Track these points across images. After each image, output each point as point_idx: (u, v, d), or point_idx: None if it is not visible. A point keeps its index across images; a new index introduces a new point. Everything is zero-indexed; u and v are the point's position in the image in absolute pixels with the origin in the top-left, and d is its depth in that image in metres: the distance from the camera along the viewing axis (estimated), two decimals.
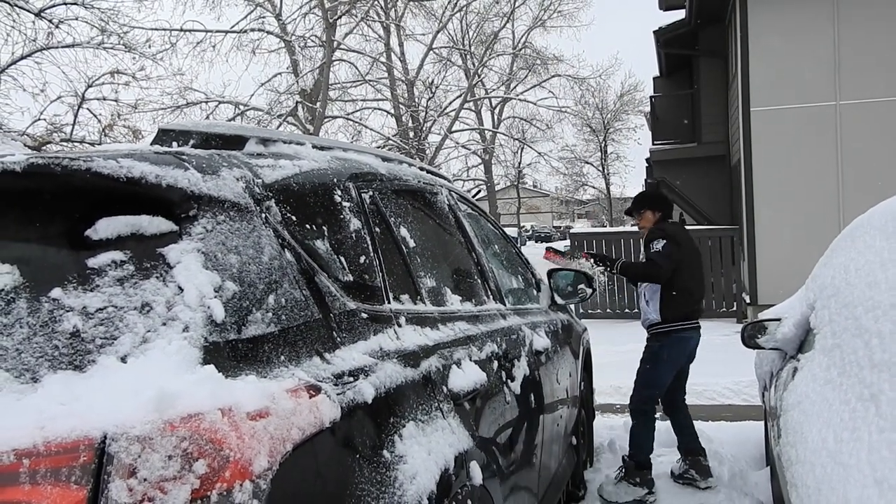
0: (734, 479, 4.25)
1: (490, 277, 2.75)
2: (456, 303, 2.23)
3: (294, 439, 1.13)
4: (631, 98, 36.85)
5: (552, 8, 28.02)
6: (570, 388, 3.69)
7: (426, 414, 1.62)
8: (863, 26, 10.26)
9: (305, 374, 1.26)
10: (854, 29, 10.30)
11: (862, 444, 1.55)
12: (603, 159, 40.34)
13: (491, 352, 2.23)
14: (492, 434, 2.06)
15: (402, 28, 23.84)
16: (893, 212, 2.07)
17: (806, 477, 1.80)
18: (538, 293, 3.75)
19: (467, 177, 31.13)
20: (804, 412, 2.15)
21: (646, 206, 4.46)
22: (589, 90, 30.21)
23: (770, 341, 3.10)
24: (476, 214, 3.14)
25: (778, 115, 10.71)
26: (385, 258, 1.83)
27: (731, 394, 6.79)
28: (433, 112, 23.98)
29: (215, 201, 1.30)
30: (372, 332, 1.58)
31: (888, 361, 1.63)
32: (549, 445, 3.00)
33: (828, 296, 2.53)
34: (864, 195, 7.92)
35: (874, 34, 10.22)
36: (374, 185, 1.97)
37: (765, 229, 10.84)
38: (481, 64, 25.79)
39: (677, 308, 4.20)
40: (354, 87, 22.78)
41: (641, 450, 4.26)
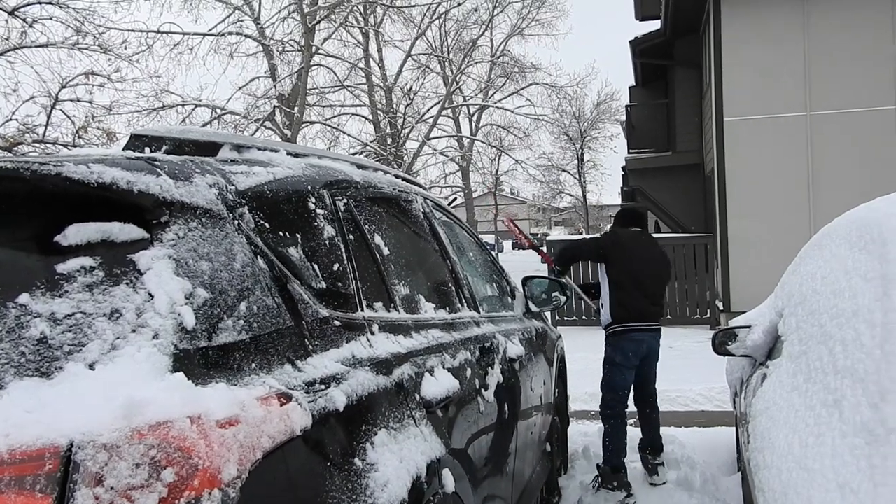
0: (706, 485, 4.30)
1: (464, 285, 2.76)
2: (430, 310, 2.23)
3: (264, 447, 1.13)
4: (607, 107, 37.15)
5: (530, 16, 28.24)
6: (545, 396, 3.71)
7: (398, 422, 1.62)
8: (831, 40, 10.46)
9: (276, 382, 1.26)
10: (823, 42, 10.50)
11: (826, 448, 1.58)
12: (580, 167, 40.59)
13: (464, 359, 2.24)
14: (465, 441, 2.07)
15: (381, 34, 23.86)
16: (858, 222, 2.11)
17: (773, 482, 1.84)
18: (512, 301, 3.77)
19: (445, 183, 31.16)
20: (772, 418, 2.19)
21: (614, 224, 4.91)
22: (566, 98, 30.43)
23: (740, 348, 3.15)
24: (451, 222, 3.15)
25: (750, 125, 10.87)
26: (359, 266, 1.83)
27: (704, 400, 6.86)
28: (411, 118, 23.98)
29: (187, 208, 1.29)
30: (344, 340, 1.59)
31: (851, 368, 1.66)
32: (523, 452, 3.01)
33: (795, 303, 2.58)
34: (834, 204, 8.05)
35: (842, 48, 10.43)
36: (348, 192, 1.98)
37: (737, 237, 10.99)
38: (459, 71, 25.86)
39: (625, 309, 4.37)
40: (332, 92, 22.70)
41: (615, 454, 4.33)
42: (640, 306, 4.40)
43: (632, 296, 4.39)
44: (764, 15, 10.74)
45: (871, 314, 1.65)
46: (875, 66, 10.34)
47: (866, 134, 10.39)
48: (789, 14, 10.63)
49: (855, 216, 2.23)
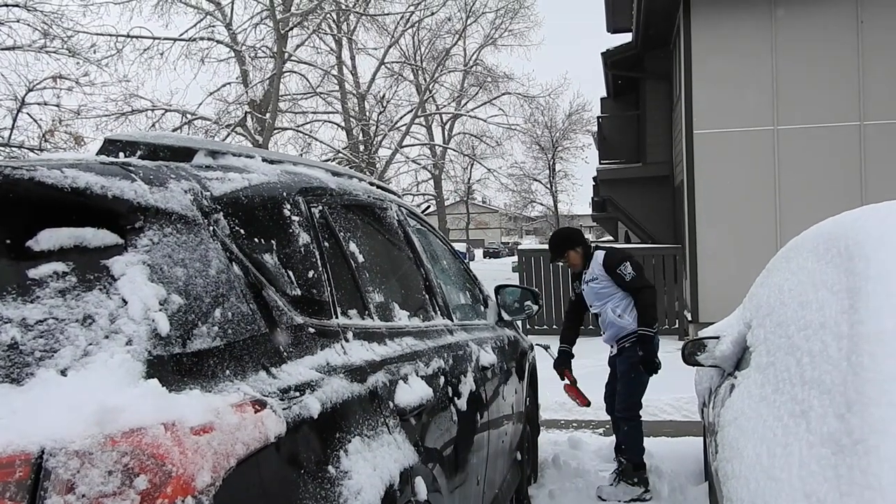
0: (674, 494, 4.34)
1: (438, 293, 2.77)
2: (404, 318, 2.24)
3: (238, 454, 1.12)
4: (579, 118, 37.56)
5: (503, 27, 28.45)
6: (516, 404, 3.72)
7: (372, 429, 1.62)
8: (799, 57, 10.70)
9: (251, 389, 1.25)
10: (791, 59, 10.73)
11: (793, 459, 1.60)
12: (551, 177, 40.93)
13: (438, 367, 2.24)
14: (437, 449, 2.07)
15: (354, 41, 23.85)
16: (825, 235, 2.16)
17: (741, 491, 1.86)
18: (485, 309, 3.78)
19: (417, 191, 31.20)
20: (740, 428, 2.22)
21: (566, 248, 4.71)
22: (538, 109, 30.73)
23: (709, 359, 3.18)
24: (425, 230, 3.16)
25: (719, 138, 11.06)
26: (333, 273, 1.83)
27: (673, 410, 6.92)
28: (384, 126, 23.99)
29: (162, 213, 1.28)
30: (319, 347, 1.58)
31: (818, 379, 1.69)
32: (494, 461, 3.02)
33: (763, 315, 2.62)
34: (800, 217, 8.21)
35: (809, 65, 10.67)
36: (323, 199, 1.97)
37: (706, 248, 11.15)
38: (433, 80, 25.95)
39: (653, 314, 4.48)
40: (305, 99, 22.65)
41: (636, 452, 4.50)
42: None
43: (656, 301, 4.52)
44: (733, 31, 10.95)
45: (838, 326, 1.68)
46: (840, 83, 10.60)
47: (831, 149, 10.63)
48: (758, 31, 10.85)
49: (822, 230, 2.28)
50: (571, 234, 4.85)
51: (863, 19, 10.49)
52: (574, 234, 4.86)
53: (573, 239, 4.75)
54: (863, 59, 10.52)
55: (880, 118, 10.52)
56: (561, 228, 5.31)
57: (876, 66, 10.48)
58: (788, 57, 10.73)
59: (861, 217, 2.01)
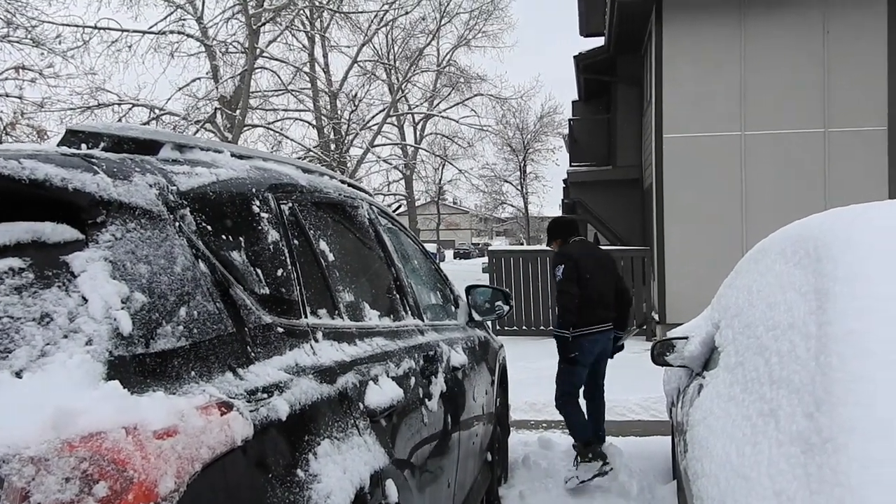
0: (643, 493, 4.37)
1: (409, 293, 2.74)
2: (374, 318, 2.21)
3: (203, 459, 1.09)
4: (550, 120, 37.79)
5: (477, 28, 28.51)
6: (486, 405, 3.71)
7: (342, 431, 1.59)
8: (767, 65, 10.88)
9: (217, 391, 1.21)
10: (759, 67, 10.90)
11: (763, 457, 1.61)
12: (522, 178, 41.12)
13: (408, 368, 2.22)
14: (408, 451, 2.05)
15: (327, 39, 23.70)
16: (793, 238, 2.18)
17: (711, 490, 1.87)
18: (456, 309, 3.77)
19: (388, 191, 31.11)
20: (709, 427, 2.23)
21: (551, 238, 5.21)
22: (510, 110, 30.83)
23: (678, 359, 3.20)
24: (396, 229, 3.13)
25: (688, 142, 11.19)
26: (303, 271, 1.79)
27: (641, 410, 6.98)
28: (356, 125, 23.88)
29: (126, 208, 1.24)
30: (288, 347, 1.55)
31: (786, 379, 1.70)
32: (465, 462, 3.00)
33: (732, 315, 2.64)
34: (765, 220, 8.33)
35: (776, 73, 10.85)
36: (293, 196, 1.94)
37: (674, 251, 11.28)
38: (405, 79, 25.91)
39: (584, 315, 4.69)
40: (276, 96, 22.43)
41: (579, 431, 4.79)
42: (596, 310, 4.75)
43: (589, 303, 4.72)
44: (704, 38, 11.09)
45: (806, 327, 1.70)
46: (806, 90, 10.79)
47: (796, 154, 10.83)
48: (728, 38, 11.00)
49: (790, 232, 2.31)
50: (556, 226, 5.23)
51: (829, 30, 10.69)
52: (559, 226, 5.21)
53: (553, 231, 5.19)
54: (828, 68, 10.73)
55: (844, 126, 10.73)
56: (556, 218, 5.61)
57: (840, 75, 10.69)
58: (756, 64, 10.91)
59: (828, 220, 2.03)
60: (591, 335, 4.74)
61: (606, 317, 4.85)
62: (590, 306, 4.72)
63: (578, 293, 4.65)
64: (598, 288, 4.78)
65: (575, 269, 4.71)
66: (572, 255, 4.81)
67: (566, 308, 4.69)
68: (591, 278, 4.75)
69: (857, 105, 10.68)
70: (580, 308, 4.66)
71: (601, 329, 4.80)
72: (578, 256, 4.79)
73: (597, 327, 4.77)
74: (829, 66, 10.72)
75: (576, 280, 4.68)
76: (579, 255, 4.81)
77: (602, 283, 4.84)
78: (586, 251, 4.94)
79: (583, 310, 4.68)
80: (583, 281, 4.71)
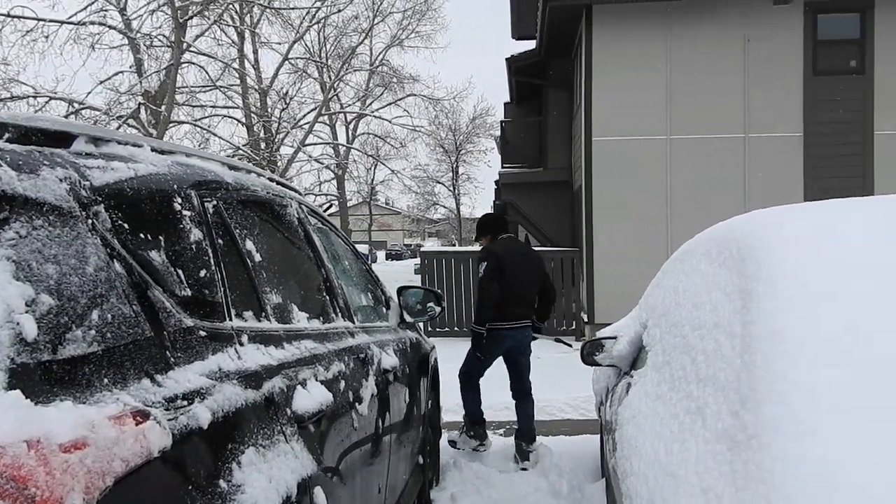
0: (573, 492, 4.42)
1: (339, 294, 2.69)
2: (303, 320, 2.15)
3: (116, 472, 1.02)
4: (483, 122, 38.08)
5: (410, 28, 28.50)
6: (418, 407, 3.68)
7: (268, 438, 1.53)
8: (691, 72, 11.24)
9: (132, 399, 1.14)
10: (684, 73, 11.25)
11: (690, 454, 1.64)
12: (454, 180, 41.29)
13: (338, 371, 2.17)
14: (338, 457, 2.00)
15: (258, 35, 23.23)
16: (718, 238, 2.23)
17: (640, 488, 1.89)
18: (387, 311, 3.72)
19: (319, 191, 30.73)
20: (638, 426, 2.26)
21: (479, 235, 5.37)
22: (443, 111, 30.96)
23: (606, 358, 3.25)
24: (327, 229, 3.07)
25: (616, 146, 11.44)
26: (228, 272, 1.72)
27: (570, 409, 7.08)
28: (286, 123, 23.49)
29: (32, 204, 1.16)
30: (210, 352, 1.48)
31: (712, 377, 1.73)
32: (396, 466, 2.96)
33: (659, 315, 2.69)
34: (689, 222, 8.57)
35: (700, 80, 11.22)
36: (218, 194, 1.86)
37: (602, 252, 11.51)
38: (338, 78, 25.65)
39: (501, 312, 4.90)
40: (204, 92, 21.83)
41: (470, 409, 5.15)
42: (514, 308, 4.91)
43: (508, 300, 4.86)
44: (632, 44, 11.36)
45: (732, 326, 1.73)
46: (728, 97, 11.19)
47: (718, 158, 11.21)
48: (655, 45, 11.30)
49: (715, 234, 2.36)
50: (486, 223, 5.35)
51: (749, 38, 11.11)
52: (489, 222, 5.34)
53: (482, 228, 5.32)
54: (748, 75, 11.15)
55: (762, 131, 11.18)
56: (487, 214, 5.71)
57: (759, 82, 11.13)
58: (682, 70, 11.25)
59: (751, 222, 2.08)
60: (503, 331, 4.95)
61: (524, 314, 5.02)
62: (508, 303, 4.88)
63: (498, 290, 4.80)
64: (519, 286, 4.93)
65: (497, 266, 4.84)
66: (497, 252, 4.93)
67: (484, 304, 4.85)
68: (513, 276, 4.88)
69: (775, 111, 11.14)
70: (498, 305, 4.82)
71: (515, 326, 4.99)
72: (503, 254, 4.92)
73: (510, 324, 4.95)
74: (748, 73, 11.15)
75: (497, 277, 4.81)
76: (504, 253, 4.93)
77: (525, 282, 4.98)
78: (512, 249, 5.05)
79: (500, 306, 4.84)
80: (505, 279, 4.84)
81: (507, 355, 5.15)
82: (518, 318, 4.98)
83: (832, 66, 11.17)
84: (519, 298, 4.94)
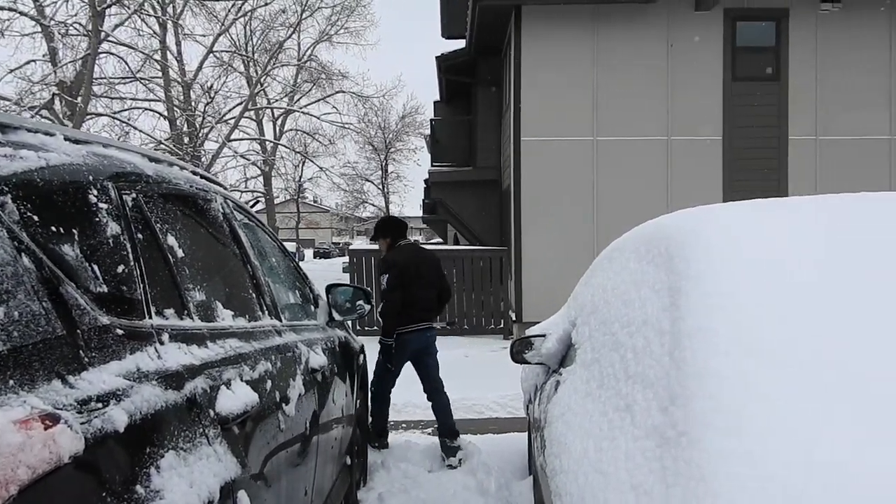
0: (500, 490, 4.44)
1: (266, 292, 2.61)
2: (228, 318, 2.07)
3: (21, 480, 0.95)
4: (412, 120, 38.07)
5: (339, 24, 28.21)
6: (346, 407, 3.63)
7: (189, 441, 1.46)
8: (617, 75, 11.49)
9: (41, 402, 1.07)
10: (610, 76, 11.50)
11: (619, 452, 1.65)
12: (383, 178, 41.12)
13: (264, 371, 2.10)
14: (263, 459, 1.93)
15: (181, 26, 22.54)
16: (646, 237, 2.26)
17: (569, 486, 1.89)
18: (316, 309, 3.65)
19: (245, 188, 30.08)
20: (567, 423, 2.27)
21: (377, 234, 5.40)
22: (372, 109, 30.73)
23: (535, 356, 3.26)
24: (253, 225, 2.98)
25: (545, 146, 11.60)
26: (148, 268, 1.64)
27: (498, 407, 7.13)
28: (211, 118, 22.89)
29: None
30: (128, 351, 1.40)
31: (641, 374, 1.75)
32: (323, 467, 2.90)
33: (588, 313, 2.71)
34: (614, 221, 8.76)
35: (626, 83, 11.49)
36: (138, 186, 1.77)
37: (530, 250, 11.65)
38: (265, 72, 25.14)
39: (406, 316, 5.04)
40: (124, 83, 21.05)
41: (378, 420, 5.26)
42: (413, 313, 5.08)
43: (412, 306, 5.01)
44: (560, 45, 11.53)
45: (660, 323, 1.75)
46: (652, 100, 11.50)
47: (643, 160, 11.51)
48: (582, 47, 11.51)
49: (643, 232, 2.39)
50: (388, 224, 5.42)
51: (672, 43, 11.45)
52: (390, 225, 5.40)
53: (384, 229, 5.37)
54: (671, 79, 11.49)
55: (684, 134, 11.53)
56: (390, 216, 5.83)
57: (682, 87, 11.48)
58: (608, 73, 11.49)
59: (679, 220, 2.12)
60: (409, 335, 5.10)
61: (424, 317, 5.18)
62: (412, 309, 5.04)
63: (400, 299, 4.95)
64: (420, 292, 5.10)
65: (399, 276, 4.97)
66: (397, 263, 5.06)
67: (389, 315, 4.99)
68: (415, 283, 5.04)
69: (697, 115, 11.51)
70: (400, 312, 4.97)
71: (420, 328, 5.14)
72: (403, 264, 5.05)
73: (415, 326, 5.11)
74: (671, 77, 11.48)
75: (399, 287, 4.94)
76: (404, 263, 5.06)
77: (425, 287, 5.16)
78: (412, 257, 5.18)
79: (403, 312, 4.99)
80: (408, 287, 4.98)
81: (414, 358, 5.26)
82: (421, 321, 5.15)
83: (750, 73, 11.62)
84: (421, 302, 5.11)
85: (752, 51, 11.63)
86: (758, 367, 1.38)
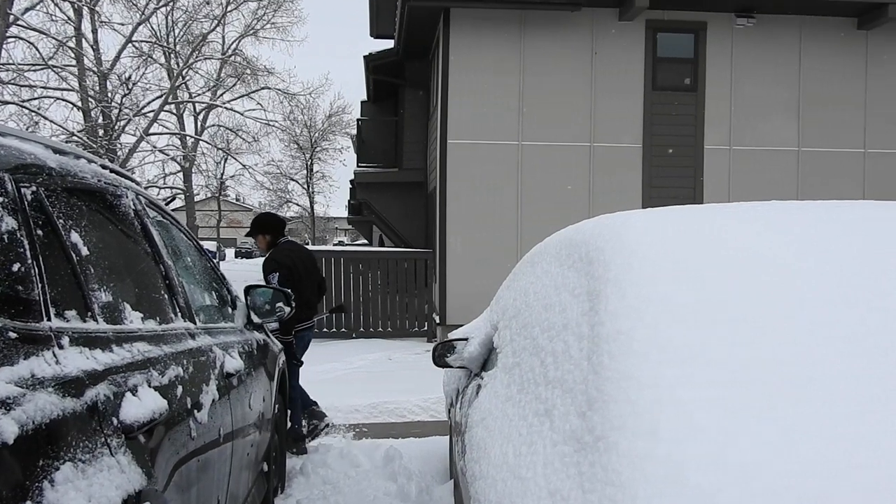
0: (421, 495, 4.41)
1: (179, 293, 2.51)
2: (137, 321, 1.97)
3: None
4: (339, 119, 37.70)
5: (265, 18, 27.64)
6: (264, 412, 3.53)
7: (89, 452, 1.38)
8: (542, 82, 11.67)
9: None
10: (536, 81, 11.67)
11: (538, 457, 1.65)
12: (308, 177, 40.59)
13: (175, 376, 2.01)
14: (171, 468, 1.84)
15: (98, 13, 21.62)
16: (567, 241, 2.28)
17: (488, 492, 1.88)
18: (233, 311, 3.54)
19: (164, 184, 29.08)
20: (487, 428, 2.26)
21: (257, 231, 5.40)
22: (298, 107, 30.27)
23: (458, 360, 3.25)
24: (167, 223, 2.86)
25: (471, 149, 11.67)
26: (47, 267, 1.54)
27: (421, 410, 7.10)
28: (129, 110, 22.05)
29: None
30: (21, 356, 1.31)
31: (561, 379, 1.76)
32: (238, 475, 2.81)
33: (510, 317, 2.72)
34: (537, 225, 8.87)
35: (551, 88, 11.69)
36: (38, 179, 1.66)
37: (455, 253, 11.69)
38: (186, 65, 24.41)
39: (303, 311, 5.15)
40: (34, 71, 20.03)
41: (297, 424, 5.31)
42: (307, 310, 5.29)
43: (305, 303, 5.20)
44: (488, 49, 11.63)
45: (579, 327, 1.76)
46: (576, 107, 11.74)
47: (566, 165, 11.73)
48: (509, 52, 11.64)
49: (564, 236, 2.41)
50: (268, 222, 5.48)
51: (596, 51, 11.71)
52: (270, 222, 5.47)
53: (264, 226, 5.41)
54: (595, 86, 11.75)
55: (606, 141, 11.81)
56: (268, 213, 5.86)
57: (605, 94, 11.76)
58: (534, 79, 11.66)
59: (599, 225, 2.14)
60: (305, 331, 5.37)
61: (312, 314, 5.46)
62: (305, 306, 5.20)
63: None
64: (307, 289, 5.30)
65: (289, 276, 5.09)
66: (285, 262, 5.18)
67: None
68: (302, 282, 5.21)
69: (619, 123, 11.82)
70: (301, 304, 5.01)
71: (310, 324, 5.43)
72: (291, 263, 5.19)
73: (307, 323, 5.37)
74: (595, 84, 11.75)
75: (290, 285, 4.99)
76: (293, 262, 5.21)
77: (310, 284, 5.38)
78: (298, 256, 5.36)
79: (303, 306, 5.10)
80: (298, 284, 5.09)
81: None
82: (310, 318, 5.42)
83: (669, 83, 12.01)
84: (310, 299, 5.38)
85: (671, 62, 12.02)
86: (675, 370, 1.39)
